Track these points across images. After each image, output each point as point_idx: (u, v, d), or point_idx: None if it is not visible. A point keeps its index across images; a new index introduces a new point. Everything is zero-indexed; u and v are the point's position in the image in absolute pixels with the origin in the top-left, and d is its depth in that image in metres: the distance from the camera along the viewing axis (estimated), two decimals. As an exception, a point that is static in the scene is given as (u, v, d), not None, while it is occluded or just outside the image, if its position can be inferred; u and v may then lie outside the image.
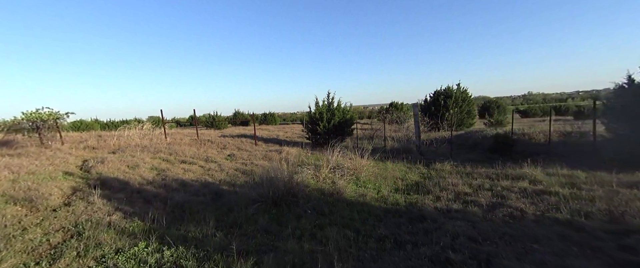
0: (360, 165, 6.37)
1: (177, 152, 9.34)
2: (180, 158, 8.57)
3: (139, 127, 12.62)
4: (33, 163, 6.54)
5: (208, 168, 7.53)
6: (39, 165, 6.49)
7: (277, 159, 8.80)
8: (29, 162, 6.59)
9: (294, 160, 8.51)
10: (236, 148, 10.66)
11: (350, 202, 4.84)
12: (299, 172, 5.82)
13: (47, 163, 6.70)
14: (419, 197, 4.79)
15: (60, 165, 6.79)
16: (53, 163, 6.76)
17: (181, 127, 32.48)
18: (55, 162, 6.98)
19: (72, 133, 16.36)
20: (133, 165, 7.26)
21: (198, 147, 10.57)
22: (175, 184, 6.11)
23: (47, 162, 6.88)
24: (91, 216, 4.25)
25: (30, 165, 6.37)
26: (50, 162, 7.02)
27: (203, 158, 8.86)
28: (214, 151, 9.97)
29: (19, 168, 5.88)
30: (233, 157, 9.10)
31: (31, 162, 6.64)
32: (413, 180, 6.07)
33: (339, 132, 10.79)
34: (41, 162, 6.77)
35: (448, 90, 18.12)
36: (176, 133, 17.88)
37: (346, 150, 7.81)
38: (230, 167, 7.59)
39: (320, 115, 10.83)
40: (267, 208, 4.55)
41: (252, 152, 9.73)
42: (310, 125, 11.22)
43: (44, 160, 7.13)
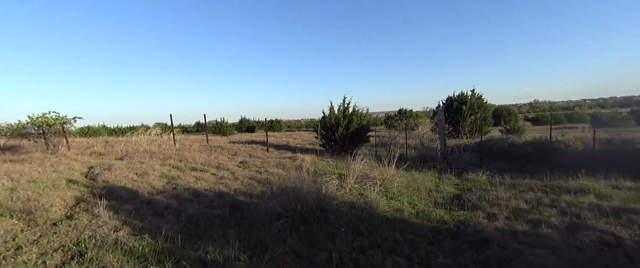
0: (388, 175, 5.75)
1: (187, 158, 8.81)
2: (190, 166, 8.04)
3: (147, 132, 12.17)
4: (36, 170, 6.03)
5: (221, 177, 6.97)
6: (41, 172, 5.98)
7: (292, 167, 8.22)
8: (31, 169, 6.09)
9: (311, 168, 7.93)
10: (247, 155, 10.11)
11: (386, 218, 4.21)
12: (324, 182, 5.22)
13: (50, 170, 6.20)
14: (466, 213, 4.14)
15: (65, 172, 6.28)
16: (57, 170, 6.26)
17: (188, 133, 32.17)
18: (59, 168, 6.48)
19: (79, 139, 16.00)
20: (142, 173, 6.72)
21: (208, 153, 10.04)
22: (187, 194, 5.54)
23: (50, 169, 6.38)
24: (95, 232, 3.68)
25: (33, 172, 5.87)
26: (54, 168, 6.52)
27: (214, 165, 8.31)
28: (225, 158, 9.43)
29: (20, 176, 5.37)
30: (245, 165, 8.54)
31: (34, 169, 6.14)
32: (449, 192, 5.43)
33: (356, 139, 10.20)
34: (44, 169, 6.27)
35: (462, 97, 17.53)
36: (184, 139, 17.43)
37: (364, 158, 7.23)
38: (244, 176, 7.02)
39: (337, 120, 10.27)
40: (294, 225, 3.94)
41: (265, 159, 9.16)
42: (325, 132, 10.66)
43: (48, 167, 6.63)
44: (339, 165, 8.12)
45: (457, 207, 4.47)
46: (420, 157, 9.14)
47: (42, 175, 5.70)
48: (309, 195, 4.13)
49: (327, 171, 7.08)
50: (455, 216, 4.06)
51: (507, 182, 5.66)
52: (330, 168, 7.78)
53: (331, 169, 7.54)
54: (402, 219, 4.09)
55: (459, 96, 17.70)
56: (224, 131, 27.10)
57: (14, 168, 5.92)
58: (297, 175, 4.88)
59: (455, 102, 17.50)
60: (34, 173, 5.73)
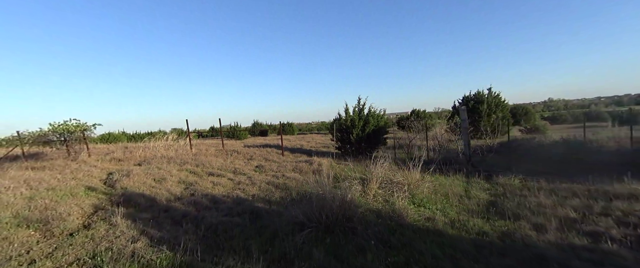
0: (413, 179, 5.34)
1: (204, 163, 8.68)
2: (207, 170, 7.88)
3: (165, 138, 12.20)
4: (55, 178, 6.00)
5: (238, 182, 6.74)
6: (61, 179, 5.94)
7: (309, 171, 7.91)
8: (51, 176, 6.06)
9: (329, 172, 7.60)
10: (263, 159, 9.89)
11: (418, 228, 3.82)
12: (345, 188, 4.88)
13: (70, 178, 6.16)
14: (508, 223, 3.70)
15: (84, 179, 6.22)
16: (76, 177, 6.21)
17: (202, 138, 32.54)
18: (78, 175, 6.44)
19: (100, 145, 16.34)
20: (159, 179, 6.59)
21: (224, 158, 9.90)
22: (205, 201, 5.33)
23: (70, 176, 6.34)
24: (112, 243, 3.48)
25: (52, 179, 5.83)
26: (74, 175, 6.48)
27: (231, 170, 8.12)
28: (241, 162, 9.24)
29: (39, 184, 5.33)
30: (262, 169, 8.31)
31: (54, 176, 6.12)
32: (482, 198, 4.96)
33: (373, 141, 9.80)
34: (64, 176, 6.24)
35: (478, 96, 16.78)
36: (200, 144, 17.51)
37: (385, 162, 6.84)
38: (261, 180, 6.76)
39: (352, 122, 9.91)
40: (319, 236, 3.62)
41: (281, 163, 8.90)
42: (340, 134, 10.31)
43: (68, 174, 6.61)
44: (357, 169, 7.75)
45: (495, 215, 4.01)
46: (441, 160, 8.65)
47: (61, 183, 5.65)
48: (333, 203, 3.79)
49: (347, 175, 6.73)
50: (496, 227, 3.62)
51: (544, 187, 5.13)
52: (349, 172, 7.43)
53: (350, 173, 7.19)
54: (436, 230, 3.69)
55: (476, 95, 16.94)
56: (238, 135, 27.22)
57: (34, 176, 5.91)
58: (318, 181, 4.56)
59: (472, 101, 16.77)
60: (53, 181, 5.68)
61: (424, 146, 11.02)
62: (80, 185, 5.69)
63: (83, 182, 5.95)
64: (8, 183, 5.12)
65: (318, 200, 3.94)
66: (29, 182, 5.37)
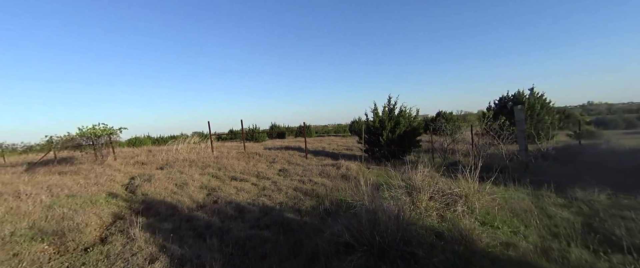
0: (472, 190, 4.48)
1: (226, 166, 8.26)
2: (230, 174, 7.42)
3: (186, 141, 12.05)
4: (78, 183, 5.77)
5: (262, 187, 6.19)
6: (83, 184, 5.69)
7: (337, 176, 7.23)
8: (74, 181, 5.85)
9: (358, 176, 6.87)
10: (286, 162, 9.34)
11: (496, 257, 2.99)
12: (394, 198, 4.13)
13: (92, 183, 5.90)
14: (631, 260, 2.76)
15: (106, 184, 5.94)
16: (98, 182, 5.95)
17: (222, 141, 32.94)
18: (101, 180, 6.19)
19: (127, 148, 16.66)
20: (181, 184, 6.19)
21: (246, 161, 9.46)
22: (229, 209, 4.79)
23: (93, 181, 6.10)
24: (128, 261, 2.99)
25: (75, 185, 5.59)
26: (97, 180, 6.25)
27: (254, 174, 7.62)
28: (264, 165, 8.74)
29: (61, 190, 5.07)
30: (286, 173, 7.73)
31: (77, 181, 5.90)
32: (565, 217, 4.01)
33: (404, 143, 8.95)
34: (87, 181, 6.00)
35: (518, 97, 15.30)
36: (220, 146, 17.40)
37: (424, 167, 6.01)
38: (287, 186, 6.17)
39: (382, 123, 9.13)
40: (370, 263, 2.90)
41: (306, 167, 8.28)
42: (368, 136, 9.55)
43: (91, 179, 6.39)
44: (389, 174, 6.98)
45: (602, 245, 3.08)
46: (483, 166, 7.67)
47: (83, 189, 5.37)
48: (389, 221, 3.07)
49: (382, 182, 5.97)
50: (616, 265, 2.70)
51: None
52: (382, 178, 6.67)
53: (385, 180, 6.42)
54: (523, 262, 2.85)
55: (515, 96, 15.47)
56: (257, 137, 27.16)
57: (58, 181, 5.71)
58: (362, 191, 3.86)
59: (510, 102, 15.32)
60: (75, 187, 5.44)
61: (455, 150, 9.97)
62: (102, 191, 5.39)
63: (105, 188, 5.66)
64: (31, 190, 4.90)
65: (367, 215, 3.23)
66: (51, 187, 5.14)
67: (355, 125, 30.96)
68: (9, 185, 5.63)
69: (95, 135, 8.99)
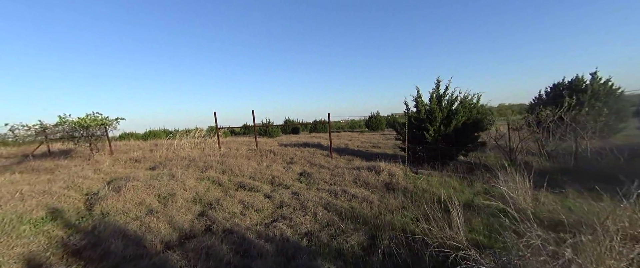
0: None
1: (233, 167, 6.35)
2: (236, 179, 5.50)
3: (191, 134, 10.28)
4: (31, 187, 3.99)
5: (280, 203, 4.20)
6: (32, 191, 3.91)
7: (379, 184, 5.13)
8: (28, 184, 4.08)
9: (405, 185, 4.75)
10: (307, 162, 7.33)
11: None
12: (513, 246, 2.01)
13: (45, 189, 4.11)
14: None
15: (60, 193, 4.12)
16: (50, 190, 4.15)
17: (235, 135, 31.42)
18: (60, 185, 4.39)
19: (133, 142, 15.24)
20: (166, 195, 4.30)
21: (258, 160, 7.53)
22: (227, 248, 2.82)
23: (50, 186, 4.32)
24: None
25: (23, 189, 3.80)
26: (59, 185, 4.47)
27: (267, 179, 5.66)
28: (280, 167, 6.76)
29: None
30: (309, 178, 5.72)
31: (32, 184, 4.13)
32: None
33: (461, 139, 6.68)
34: (45, 186, 4.23)
35: (577, 83, 12.51)
36: (231, 141, 15.66)
37: (516, 175, 3.86)
38: (314, 201, 4.15)
39: (430, 114, 6.90)
40: None
41: (333, 171, 6.23)
42: (412, 131, 7.33)
43: (55, 182, 4.63)
44: (455, 185, 4.79)
45: None
46: (559, 169, 5.47)
47: (25, 201, 3.56)
48: None
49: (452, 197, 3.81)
50: None
51: None
52: (448, 190, 4.51)
53: (447, 192, 4.26)
54: None
55: (573, 82, 12.68)
56: (270, 132, 25.39)
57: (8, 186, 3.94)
58: (414, 208, 1.77)
59: (566, 90, 12.56)
60: (16, 196, 3.64)
61: (499, 147, 7.59)
62: (44, 206, 3.56)
63: (55, 199, 3.85)
64: None
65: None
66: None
67: (372, 121, 28.64)
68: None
69: (81, 125, 7.28)
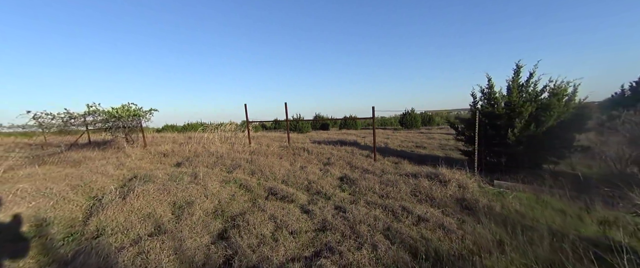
0: None
1: (263, 168, 5.41)
2: (266, 184, 4.52)
3: (221, 128, 9.71)
4: (44, 185, 3.41)
5: (321, 222, 3.08)
6: (38, 189, 3.31)
7: (447, 199, 3.75)
8: (47, 177, 3.53)
9: (486, 204, 3.31)
10: (346, 164, 6.14)
11: None
12: None
13: (60, 187, 3.52)
14: None
15: (67, 195, 3.48)
16: (60, 191, 3.54)
17: (266, 130, 31.38)
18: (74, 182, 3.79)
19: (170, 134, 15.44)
20: (182, 203, 3.44)
21: (291, 159, 6.54)
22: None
23: (63, 184, 3.75)
24: None
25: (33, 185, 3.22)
26: (71, 182, 3.89)
27: (303, 185, 4.59)
28: (315, 168, 5.67)
29: None
30: (353, 186, 4.52)
31: (50, 178, 3.58)
32: None
33: (555, 143, 4.92)
34: (60, 184, 3.66)
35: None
36: (262, 136, 15.07)
37: None
38: (367, 222, 2.95)
39: (510, 110, 5.22)
40: None
41: (382, 177, 4.95)
42: (484, 129, 5.70)
43: (66, 179, 4.08)
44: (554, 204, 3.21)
45: None
46: None
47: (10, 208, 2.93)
48: None
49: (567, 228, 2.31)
50: None
51: None
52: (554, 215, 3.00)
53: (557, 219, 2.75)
54: None
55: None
56: (300, 128, 24.66)
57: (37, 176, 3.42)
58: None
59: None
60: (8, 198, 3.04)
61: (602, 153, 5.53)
62: (32, 215, 2.88)
63: (51, 204, 3.20)
64: None
65: None
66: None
67: (407, 117, 26.49)
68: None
69: (112, 115, 6.93)
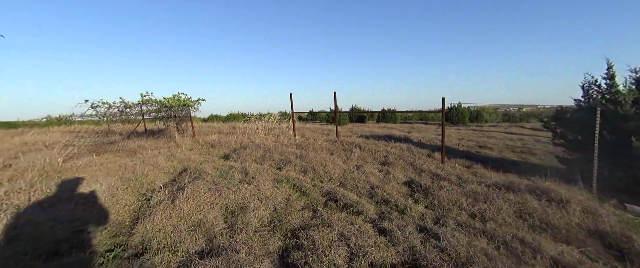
0: None
1: (315, 165, 4.75)
2: (323, 187, 3.84)
3: (265, 119, 9.37)
4: (101, 175, 3.21)
5: (409, 251, 2.25)
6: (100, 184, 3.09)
7: (576, 230, 2.58)
8: (104, 167, 3.35)
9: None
10: (408, 165, 5.15)
11: None
12: None
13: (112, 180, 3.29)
14: None
15: (111, 194, 3.20)
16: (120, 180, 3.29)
17: (303, 121, 31.23)
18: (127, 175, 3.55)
19: (216, 124, 15.95)
20: (235, 208, 2.92)
21: (343, 156, 5.79)
22: None
23: (115, 178, 3.54)
24: None
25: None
26: (124, 174, 3.68)
27: (364, 189, 3.80)
28: (373, 169, 4.81)
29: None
30: (428, 197, 3.58)
31: (106, 170, 3.40)
32: None
33: None
34: (115, 176, 3.45)
35: None
36: (302, 128, 14.61)
37: None
38: (476, 262, 2.02)
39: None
40: None
41: (464, 187, 3.90)
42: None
43: (124, 171, 3.91)
44: None
45: None
46: None
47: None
48: None
49: None
50: None
51: None
52: None
53: None
54: None
55: None
56: (338, 120, 23.91)
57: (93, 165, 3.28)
58: None
59: None
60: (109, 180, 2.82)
61: None
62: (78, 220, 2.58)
63: (105, 204, 2.90)
64: None
65: None
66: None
67: (453, 112, 23.76)
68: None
69: (164, 105, 6.93)
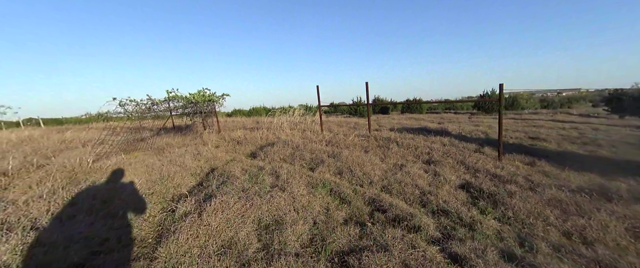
0: None
1: (350, 165, 4.21)
2: (365, 193, 3.29)
3: (290, 113, 8.96)
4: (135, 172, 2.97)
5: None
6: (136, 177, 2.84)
7: None
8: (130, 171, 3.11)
9: None
10: (458, 164, 4.40)
11: None
12: None
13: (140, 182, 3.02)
14: None
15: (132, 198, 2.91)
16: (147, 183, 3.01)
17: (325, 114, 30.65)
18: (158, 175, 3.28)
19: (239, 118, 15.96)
20: (269, 222, 2.48)
21: (379, 153, 5.17)
22: None
23: (143, 179, 3.28)
24: None
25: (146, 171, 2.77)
26: (157, 175, 3.42)
27: (413, 195, 3.19)
28: (418, 169, 4.14)
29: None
30: (498, 207, 2.87)
31: (133, 171, 3.16)
32: None
33: None
34: (139, 178, 3.21)
35: None
36: (326, 121, 14.07)
37: None
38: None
39: None
40: None
41: (541, 192, 3.11)
42: None
43: (151, 172, 3.67)
44: None
45: None
46: None
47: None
48: None
49: None
50: None
51: None
52: None
53: None
54: None
55: None
56: (361, 111, 22.97)
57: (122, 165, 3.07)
58: None
59: None
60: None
61: None
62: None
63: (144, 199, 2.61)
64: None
65: None
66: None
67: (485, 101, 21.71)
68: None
69: (189, 101, 6.75)
